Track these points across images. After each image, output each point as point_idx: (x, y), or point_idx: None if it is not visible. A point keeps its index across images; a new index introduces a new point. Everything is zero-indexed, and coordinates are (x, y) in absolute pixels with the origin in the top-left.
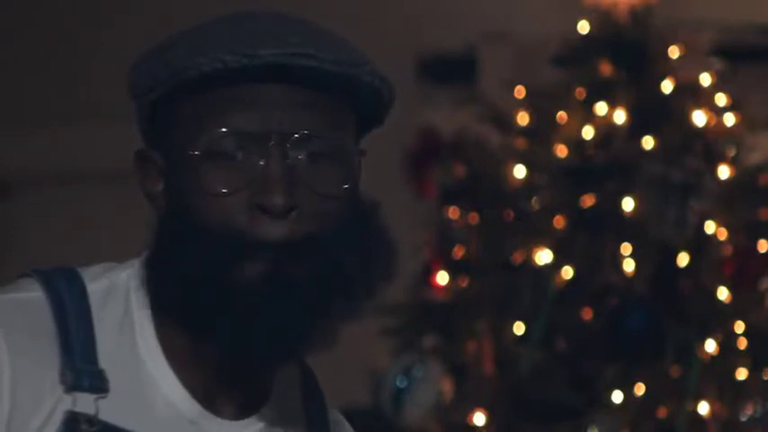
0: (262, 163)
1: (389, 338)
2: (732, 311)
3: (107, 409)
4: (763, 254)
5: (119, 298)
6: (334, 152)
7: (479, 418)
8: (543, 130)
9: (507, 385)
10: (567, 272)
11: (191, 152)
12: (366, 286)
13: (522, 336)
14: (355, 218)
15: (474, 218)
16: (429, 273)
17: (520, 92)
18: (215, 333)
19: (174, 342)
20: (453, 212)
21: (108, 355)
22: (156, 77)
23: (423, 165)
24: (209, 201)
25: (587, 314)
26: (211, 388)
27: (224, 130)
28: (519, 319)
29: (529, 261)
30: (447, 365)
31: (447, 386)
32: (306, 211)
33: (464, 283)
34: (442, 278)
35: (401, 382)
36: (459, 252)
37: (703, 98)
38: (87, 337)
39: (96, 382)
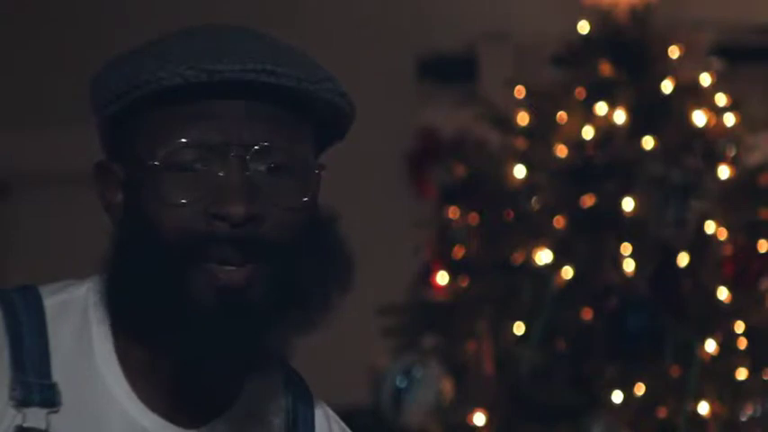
0: (221, 174)
1: (389, 338)
2: (732, 311)
3: (60, 424)
4: (763, 254)
5: (76, 312)
6: (293, 165)
7: (479, 418)
8: (543, 130)
9: (507, 385)
10: (567, 272)
11: (150, 163)
12: (322, 299)
13: (522, 336)
14: (313, 231)
15: (474, 218)
16: (429, 273)
17: (520, 92)
18: (168, 342)
19: (131, 355)
20: (453, 212)
21: (64, 369)
22: (115, 91)
23: (423, 165)
24: (168, 211)
25: (587, 314)
26: (169, 398)
27: (184, 141)
28: (519, 319)
29: (529, 261)
30: (447, 365)
31: (447, 386)
32: (265, 221)
33: (464, 283)
34: (442, 278)
35: (401, 382)
36: (459, 252)
37: (703, 98)
38: (41, 352)
39: (48, 397)
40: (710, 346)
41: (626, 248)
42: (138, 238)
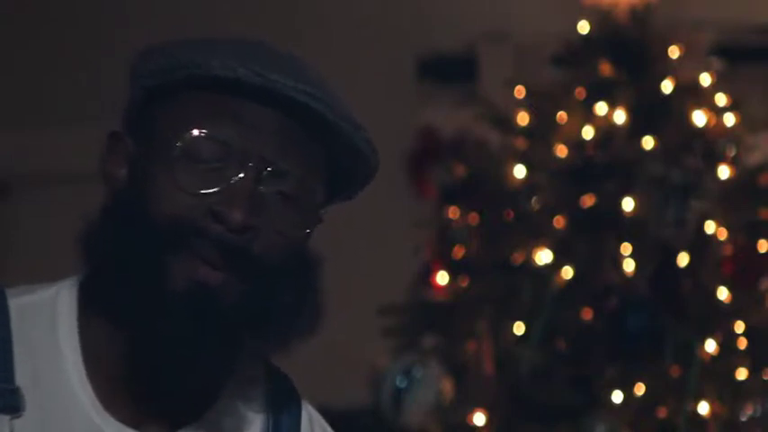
0: (235, 178)
1: (389, 338)
2: (732, 311)
3: (24, 429)
4: (763, 254)
5: (43, 314)
6: (303, 196)
7: (479, 418)
8: (543, 130)
9: (507, 385)
10: (567, 272)
11: (172, 143)
12: (286, 330)
13: (522, 336)
14: (298, 266)
15: (474, 218)
16: (429, 273)
17: (520, 92)
18: (135, 323)
19: (99, 359)
20: (453, 212)
21: (28, 373)
22: (163, 65)
23: (423, 165)
24: (173, 194)
25: (587, 314)
26: (136, 405)
27: (210, 134)
28: (519, 319)
29: (529, 261)
30: (447, 365)
31: (447, 386)
32: (259, 238)
33: (464, 283)
34: (442, 278)
35: (401, 382)
36: (459, 252)
37: (703, 98)
38: (4, 356)
39: (10, 402)
40: (710, 346)
41: (626, 248)
42: (134, 214)
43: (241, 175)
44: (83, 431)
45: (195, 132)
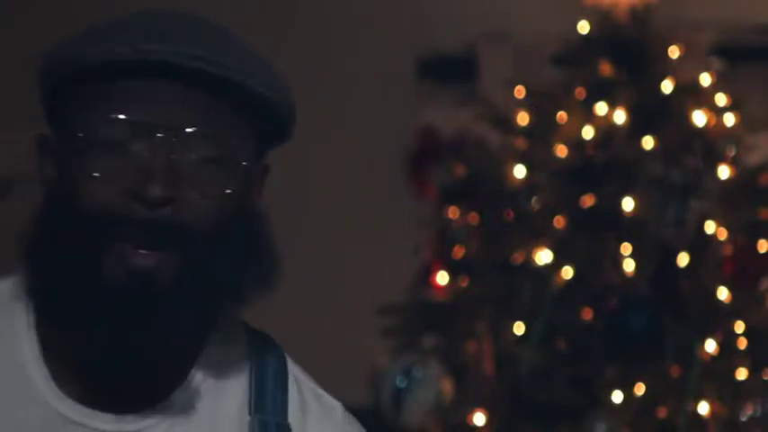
0: (146, 154)
1: (389, 338)
2: (732, 311)
3: None
4: (763, 254)
5: (1, 304)
6: (220, 154)
7: (479, 418)
8: (543, 130)
9: (507, 385)
10: (567, 272)
11: (78, 136)
12: (236, 292)
13: (522, 336)
14: (236, 224)
15: (474, 218)
16: (429, 273)
17: (520, 92)
18: (79, 321)
19: (56, 346)
20: (453, 212)
21: None
22: (49, 65)
23: (423, 165)
24: (90, 186)
25: (587, 314)
26: (94, 386)
27: (112, 117)
28: (519, 319)
29: (529, 261)
30: (447, 365)
31: (447, 386)
32: (183, 207)
33: (464, 283)
34: (442, 278)
35: (401, 382)
36: (459, 252)
37: (703, 98)
38: None
39: None
40: (710, 346)
41: (626, 248)
42: (60, 213)
43: (151, 149)
44: (38, 416)
45: (97, 120)
